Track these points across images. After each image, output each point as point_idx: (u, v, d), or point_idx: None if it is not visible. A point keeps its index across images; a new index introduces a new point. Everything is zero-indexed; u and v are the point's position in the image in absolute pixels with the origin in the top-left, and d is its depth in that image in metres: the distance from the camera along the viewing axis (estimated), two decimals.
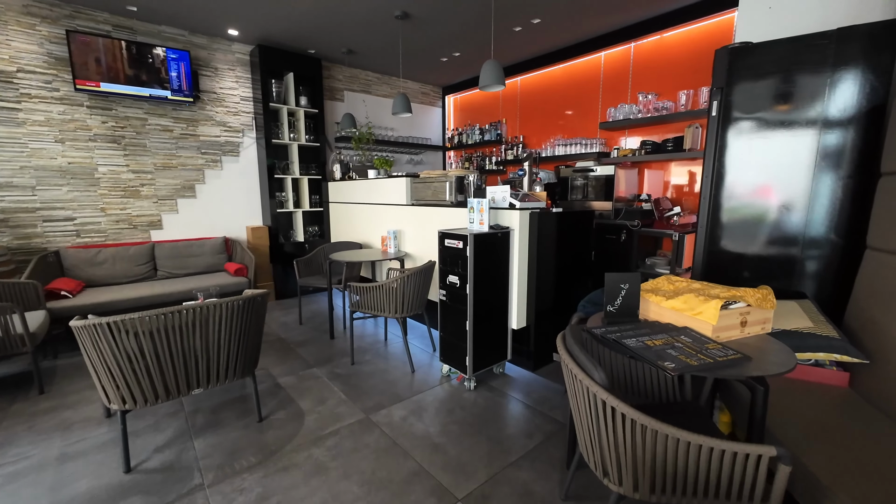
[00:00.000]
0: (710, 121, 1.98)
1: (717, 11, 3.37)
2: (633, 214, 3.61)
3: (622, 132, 4.18)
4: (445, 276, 2.53)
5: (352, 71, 5.18)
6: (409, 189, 3.52)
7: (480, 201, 2.52)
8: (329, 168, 4.90)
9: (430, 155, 6.18)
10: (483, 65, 2.80)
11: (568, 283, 2.95)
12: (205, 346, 1.82)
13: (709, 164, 2.01)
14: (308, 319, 3.87)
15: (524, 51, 4.56)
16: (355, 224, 4.35)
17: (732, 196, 1.98)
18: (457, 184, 3.04)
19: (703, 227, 2.07)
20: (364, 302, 2.77)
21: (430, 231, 3.25)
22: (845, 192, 1.74)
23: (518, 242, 2.56)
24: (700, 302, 1.42)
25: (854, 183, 1.73)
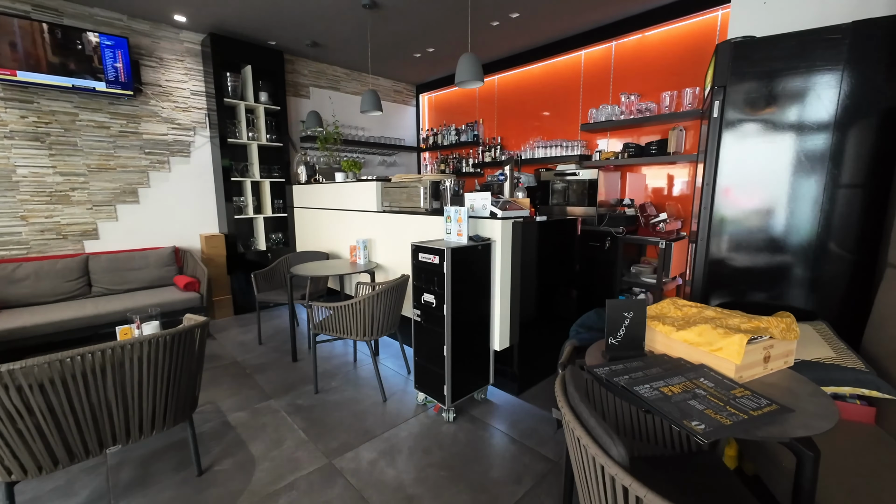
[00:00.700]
0: (710, 122, 1.79)
1: (697, 11, 3.24)
2: (617, 221, 3.44)
3: (604, 134, 4.02)
4: (420, 294, 2.25)
5: (318, 65, 4.81)
6: (380, 194, 3.21)
7: (458, 210, 2.25)
8: (293, 170, 4.52)
9: (403, 156, 5.88)
10: (459, 59, 2.54)
11: (553, 297, 2.73)
12: (121, 396, 1.47)
13: (709, 170, 1.82)
14: (269, 338, 3.49)
15: (502, 47, 4.34)
16: (322, 232, 4.00)
17: (735, 205, 1.80)
18: (432, 189, 2.77)
19: (703, 240, 1.88)
20: (328, 323, 2.45)
21: (404, 240, 2.96)
22: (858, 202, 1.58)
23: (500, 255, 2.31)
24: (719, 336, 1.21)
25: (867, 192, 1.57)
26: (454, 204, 2.58)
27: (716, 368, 1.21)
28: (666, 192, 3.70)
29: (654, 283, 3.24)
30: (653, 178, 3.78)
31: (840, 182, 1.60)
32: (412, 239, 2.84)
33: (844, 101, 1.56)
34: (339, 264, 3.17)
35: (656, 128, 3.68)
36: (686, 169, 3.53)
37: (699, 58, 3.33)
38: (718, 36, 3.22)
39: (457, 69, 2.55)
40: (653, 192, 3.78)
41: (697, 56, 3.34)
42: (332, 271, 2.89)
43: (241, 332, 3.65)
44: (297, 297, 3.23)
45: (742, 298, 1.85)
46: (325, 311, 2.45)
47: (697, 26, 3.34)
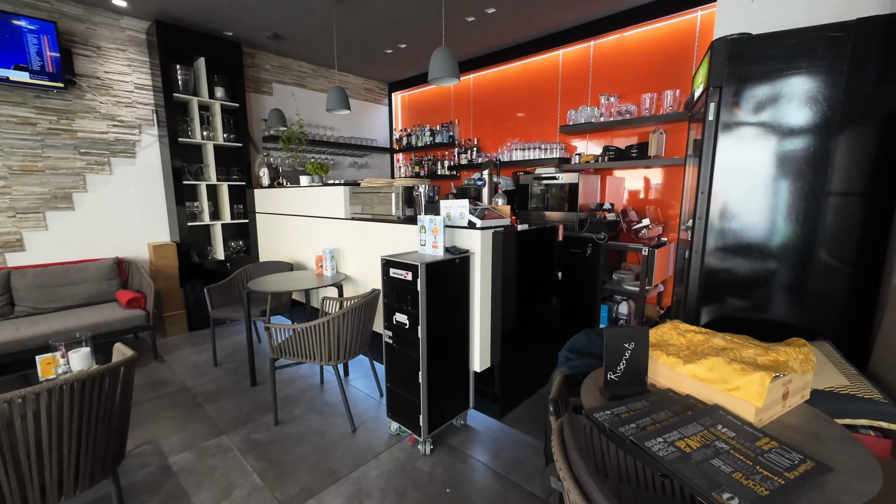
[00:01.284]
0: (705, 126, 1.66)
1: (676, 11, 3.16)
2: (598, 226, 3.32)
3: (583, 136, 3.91)
4: (391, 313, 2.03)
5: (281, 60, 4.49)
6: (348, 200, 2.96)
7: (433, 220, 2.04)
8: (255, 172, 4.18)
9: (376, 157, 5.61)
10: (433, 53, 2.33)
11: (536, 310, 2.56)
12: (11, 461, 1.17)
13: (705, 177, 1.68)
14: (227, 358, 3.17)
15: (478, 45, 4.16)
16: (286, 239, 3.69)
17: (732, 214, 1.67)
18: (405, 195, 2.54)
19: (698, 252, 1.74)
20: (288, 346, 2.18)
21: (375, 251, 2.72)
22: (863, 213, 1.47)
23: (480, 269, 2.11)
24: (736, 373, 1.05)
25: (872, 201, 1.46)
26: (429, 212, 2.37)
27: (732, 410, 1.05)
28: (643, 194, 3.62)
29: (636, 291, 3.13)
30: (631, 182, 3.69)
31: (843, 190, 1.49)
32: (384, 249, 2.61)
33: (847, 104, 1.45)
34: (304, 277, 2.89)
35: (635, 130, 3.59)
36: (665, 172, 3.45)
37: (678, 60, 3.26)
38: (698, 37, 3.15)
39: (430, 65, 2.34)
40: (631, 195, 3.69)
41: (677, 58, 3.27)
42: (295, 285, 2.62)
43: (194, 352, 3.30)
44: (256, 312, 2.93)
45: (738, 313, 1.73)
46: (285, 332, 2.18)
47: (676, 27, 3.26)
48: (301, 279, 2.81)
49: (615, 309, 3.38)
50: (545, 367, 2.76)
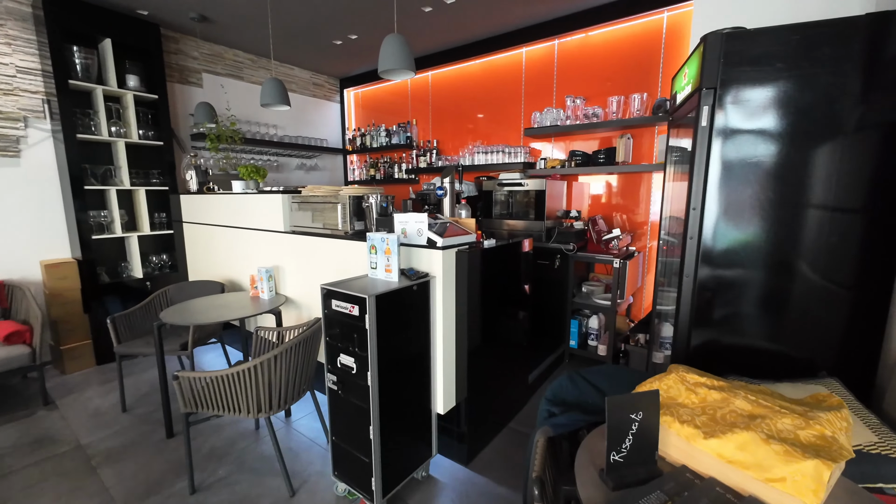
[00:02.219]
0: (697, 133, 1.44)
1: (642, 11, 3.02)
2: (567, 236, 3.12)
3: (548, 139, 3.71)
4: (335, 354, 1.66)
5: (213, 47, 3.93)
6: (287, 210, 2.54)
7: (385, 238, 1.70)
8: (181, 176, 3.61)
9: (327, 159, 5.15)
10: (384, 41, 1.98)
11: (504, 331, 2.28)
12: None
13: (697, 190, 1.47)
14: (139, 400, 2.63)
15: (436, 39, 3.85)
16: (219, 254, 3.19)
17: (728, 233, 1.47)
18: (353, 206, 2.18)
19: (689, 276, 1.53)
20: (205, 397, 1.75)
21: (320, 269, 2.33)
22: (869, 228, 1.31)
23: (441, 295, 1.79)
24: (777, 457, 0.80)
25: (873, 216, 1.30)
26: (381, 227, 2.02)
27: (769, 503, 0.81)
28: (605, 199, 3.47)
29: (607, 305, 2.96)
30: (595, 188, 3.53)
31: (845, 204, 1.32)
32: (329, 269, 2.23)
33: (854, 109, 1.28)
34: (236, 301, 2.44)
35: (601, 134, 3.43)
36: (630, 178, 3.32)
37: (645, 62, 3.13)
38: (665, 39, 3.02)
39: (380, 54, 1.99)
40: (595, 201, 3.53)
41: (643, 60, 3.13)
42: (221, 314, 2.17)
43: (100, 393, 2.72)
44: (175, 345, 2.43)
45: (733, 338, 1.53)
46: (199, 381, 1.74)
47: (642, 28, 3.13)
48: (231, 305, 2.36)
49: (585, 323, 3.19)
50: (515, 391, 2.50)
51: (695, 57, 1.50)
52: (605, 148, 3.21)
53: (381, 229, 2.01)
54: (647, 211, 3.26)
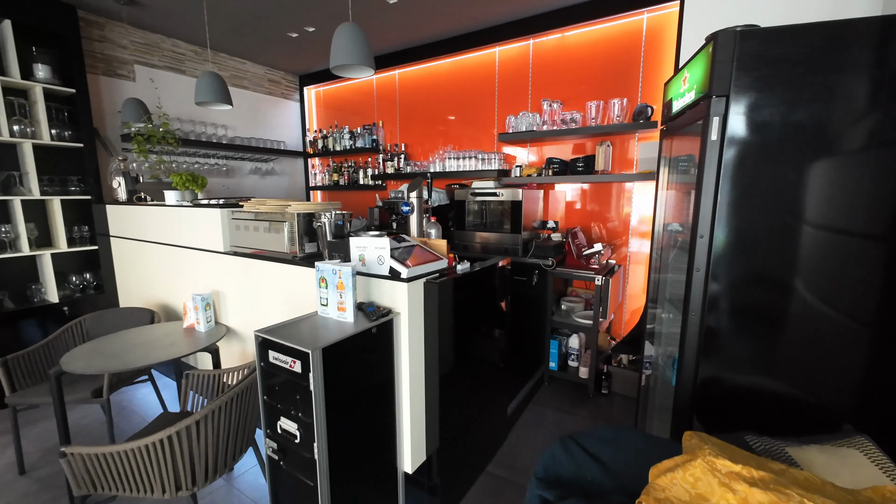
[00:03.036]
0: (705, 147, 1.23)
1: (622, 11, 2.85)
2: (544, 250, 2.90)
3: (523, 144, 3.49)
4: (275, 417, 1.34)
5: (147, 36, 3.46)
6: (228, 227, 2.17)
7: (338, 270, 1.39)
8: (108, 182, 3.13)
9: (285, 162, 4.73)
10: (336, 31, 1.67)
11: (479, 361, 2.02)
12: None
13: (705, 214, 1.26)
14: (42, 458, 2.18)
15: (403, 35, 3.55)
16: (151, 276, 2.76)
17: (741, 265, 1.26)
18: (303, 225, 1.85)
19: (696, 312, 1.32)
20: (102, 475, 1.38)
21: (267, 295, 1.99)
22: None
23: (408, 335, 1.51)
24: None
25: None
26: (335, 251, 1.70)
27: None
28: (582, 207, 3.29)
29: (589, 325, 2.76)
30: (572, 196, 3.34)
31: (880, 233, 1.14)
32: (277, 297, 1.90)
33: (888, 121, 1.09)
34: (164, 336, 2.05)
35: (577, 141, 3.25)
36: (609, 187, 3.15)
37: (624, 65, 2.96)
38: (644, 42, 2.86)
39: (332, 47, 1.68)
40: (572, 210, 3.34)
41: (622, 63, 2.96)
42: (143, 357, 1.78)
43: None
44: (86, 392, 2.01)
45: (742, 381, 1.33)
46: (93, 459, 1.37)
47: (621, 29, 2.95)
48: (157, 342, 1.97)
49: (565, 343, 2.99)
50: (493, 426, 2.24)
51: (700, 59, 1.29)
52: (583, 156, 3.02)
53: (336, 255, 1.70)
54: (627, 221, 3.10)
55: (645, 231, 3.02)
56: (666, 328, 1.91)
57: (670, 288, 1.86)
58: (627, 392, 2.81)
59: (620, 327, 3.25)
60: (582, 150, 3.25)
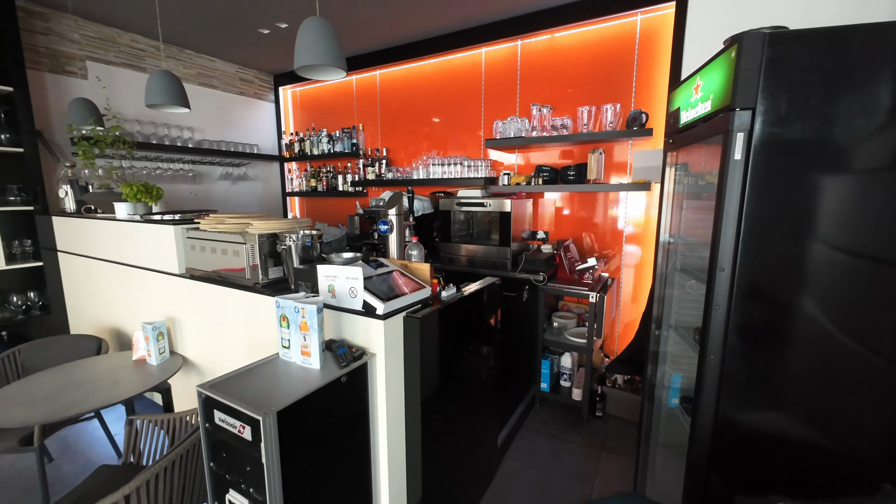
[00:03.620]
0: (728, 170, 1.06)
1: (614, 12, 2.70)
2: (535, 264, 2.73)
3: (511, 150, 3.32)
4: (222, 488, 1.11)
5: (101, 29, 3.15)
6: (183, 246, 1.92)
7: (301, 309, 1.18)
8: (55, 191, 2.82)
9: (260, 167, 4.45)
10: (300, 27, 1.45)
11: (466, 380, 1.83)
12: None
13: (727, 243, 1.09)
14: None
15: (384, 33, 3.33)
16: (104, 296, 2.48)
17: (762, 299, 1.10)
18: (265, 247, 1.62)
19: (716, 354, 1.15)
20: None
21: (229, 324, 1.76)
22: None
23: (385, 380, 1.30)
24: None
25: None
26: (301, 279, 1.48)
27: None
28: (573, 217, 3.14)
29: (583, 345, 2.60)
30: (562, 204, 3.18)
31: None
32: (239, 328, 1.67)
33: None
34: (107, 373, 1.79)
35: (568, 147, 3.09)
36: (600, 196, 3.00)
37: (617, 69, 2.81)
38: (638, 44, 2.72)
39: (296, 45, 1.46)
40: (562, 218, 3.18)
41: (615, 67, 2.82)
42: (78, 402, 1.53)
43: None
44: (12, 441, 1.74)
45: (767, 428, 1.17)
46: None
47: (614, 32, 2.81)
48: (98, 380, 1.72)
49: (557, 362, 2.83)
50: (482, 459, 2.04)
51: (718, 65, 1.12)
52: (575, 164, 2.86)
53: (303, 284, 1.48)
54: (620, 230, 2.95)
55: (639, 240, 2.88)
56: (672, 351, 1.76)
57: (676, 311, 1.70)
58: (623, 414, 2.66)
59: (614, 342, 3.10)
60: (570, 156, 3.10)
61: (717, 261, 1.11)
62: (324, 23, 1.42)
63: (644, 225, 2.86)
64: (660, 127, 2.67)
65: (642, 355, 2.54)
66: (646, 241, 2.85)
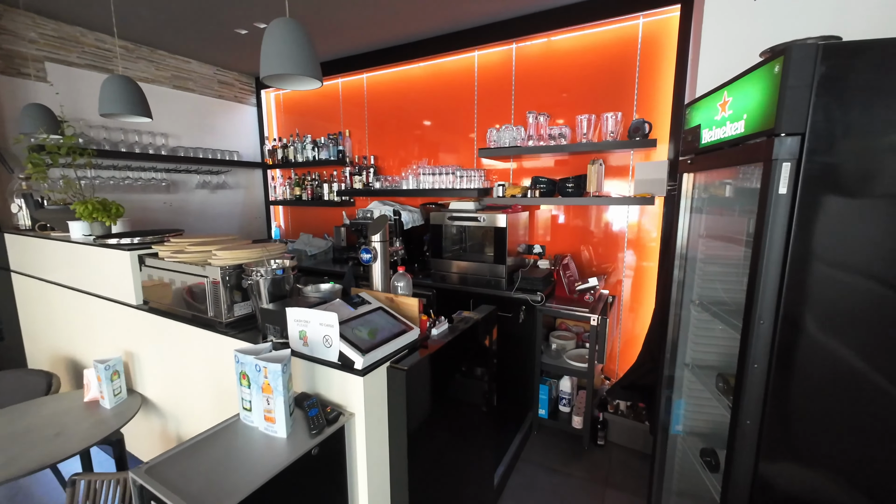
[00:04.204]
0: (770, 204, 0.89)
1: (614, 15, 2.54)
2: (532, 282, 2.57)
3: (506, 160, 3.15)
4: None
5: (62, 27, 2.90)
6: (139, 276, 1.71)
7: (262, 368, 0.99)
8: (8, 205, 2.58)
9: (241, 174, 4.21)
10: (266, 30, 1.26)
11: (464, 434, 1.64)
12: None
13: (768, 291, 0.93)
14: None
15: (369, 35, 3.14)
16: (60, 325, 2.25)
17: (810, 350, 0.94)
18: (229, 279, 1.42)
19: (755, 419, 0.98)
20: None
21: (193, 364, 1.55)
22: None
23: (365, 444, 1.11)
24: None
25: None
26: (270, 322, 1.28)
27: None
28: (571, 230, 2.97)
29: (583, 370, 2.43)
30: (560, 216, 3.02)
31: None
32: (204, 371, 1.47)
33: None
34: (51, 421, 1.57)
35: (566, 157, 2.93)
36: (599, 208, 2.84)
37: (617, 75, 2.65)
38: (640, 50, 2.56)
39: (262, 51, 1.26)
40: (559, 231, 3.02)
41: (615, 73, 2.66)
42: (8, 465, 1.31)
43: None
44: None
45: (812, 495, 1.01)
46: None
47: (614, 35, 2.65)
48: (39, 429, 1.50)
49: (555, 386, 2.66)
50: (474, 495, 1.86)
51: (756, 80, 0.96)
52: (574, 176, 2.70)
53: (272, 328, 1.28)
54: (620, 244, 2.80)
55: (641, 254, 2.73)
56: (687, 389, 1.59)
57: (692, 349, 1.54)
58: (626, 442, 2.50)
59: (614, 362, 2.95)
60: (567, 165, 2.93)
61: (755, 311, 0.94)
62: (294, 25, 1.22)
63: (646, 239, 2.70)
64: (664, 137, 2.52)
65: (645, 380, 2.40)
66: (648, 255, 2.70)
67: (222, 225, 4.06)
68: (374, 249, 1.49)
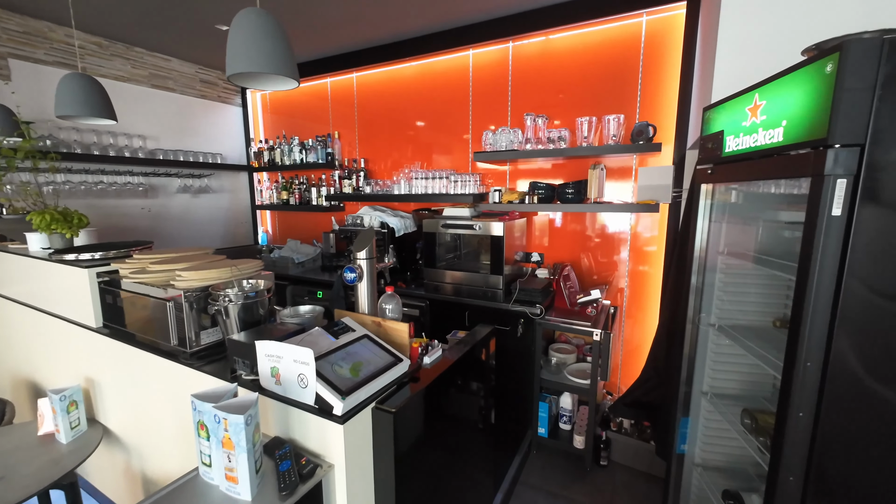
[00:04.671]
0: (821, 226, 0.76)
1: (616, 13, 2.42)
2: (531, 294, 2.43)
3: (502, 163, 3.01)
4: None
5: (27, 22, 2.71)
6: (98, 298, 1.54)
7: (223, 419, 0.83)
8: None
9: (226, 178, 4.03)
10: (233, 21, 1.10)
11: (461, 464, 1.50)
12: None
13: (818, 328, 0.79)
14: None
15: (360, 32, 2.98)
16: (18, 345, 2.06)
17: (867, 397, 0.80)
18: (201, 304, 1.26)
19: (799, 475, 0.85)
20: None
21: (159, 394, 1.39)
22: None
23: (346, 499, 0.96)
24: None
25: None
26: (239, 356, 1.12)
27: None
28: (570, 236, 2.84)
29: (586, 387, 2.30)
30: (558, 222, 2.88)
31: None
32: (169, 405, 1.31)
33: None
34: (1, 454, 1.39)
35: (564, 161, 2.79)
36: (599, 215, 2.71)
37: (619, 76, 2.53)
38: (644, 49, 2.44)
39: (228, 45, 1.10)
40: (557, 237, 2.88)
41: (617, 74, 2.53)
42: None
43: None
44: None
45: None
46: None
47: (616, 34, 2.52)
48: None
49: (555, 403, 2.53)
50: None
51: (801, 81, 0.82)
52: (574, 181, 2.56)
53: (242, 362, 1.12)
54: (622, 252, 2.67)
55: (644, 261, 2.61)
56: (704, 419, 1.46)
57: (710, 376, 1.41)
58: (630, 462, 2.37)
59: (616, 375, 2.82)
60: (566, 169, 2.80)
61: (799, 351, 0.81)
62: (264, 17, 1.07)
63: (649, 246, 2.58)
64: (669, 141, 2.40)
65: (649, 397, 2.27)
66: (651, 263, 2.58)
67: (206, 231, 3.88)
68: (359, 268, 1.34)
